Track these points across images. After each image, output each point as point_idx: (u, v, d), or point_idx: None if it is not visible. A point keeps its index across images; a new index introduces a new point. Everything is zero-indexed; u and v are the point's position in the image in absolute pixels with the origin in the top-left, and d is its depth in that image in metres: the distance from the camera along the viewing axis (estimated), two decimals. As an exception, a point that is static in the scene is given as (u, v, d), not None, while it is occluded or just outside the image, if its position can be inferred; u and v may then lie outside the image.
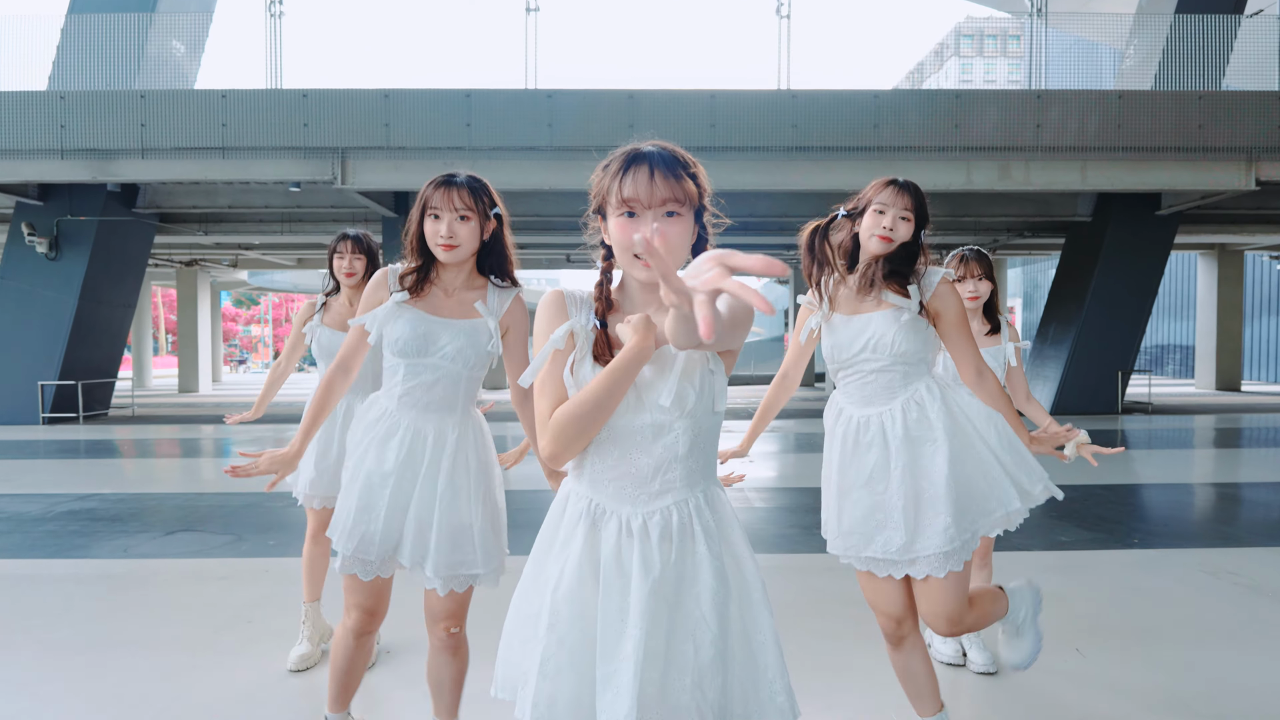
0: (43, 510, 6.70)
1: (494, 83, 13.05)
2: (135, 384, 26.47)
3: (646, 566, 1.37)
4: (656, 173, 1.43)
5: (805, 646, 3.57)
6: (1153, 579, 4.57)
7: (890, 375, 2.28)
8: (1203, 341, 23.23)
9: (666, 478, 1.42)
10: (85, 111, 12.38)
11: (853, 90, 12.74)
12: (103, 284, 14.72)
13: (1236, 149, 12.56)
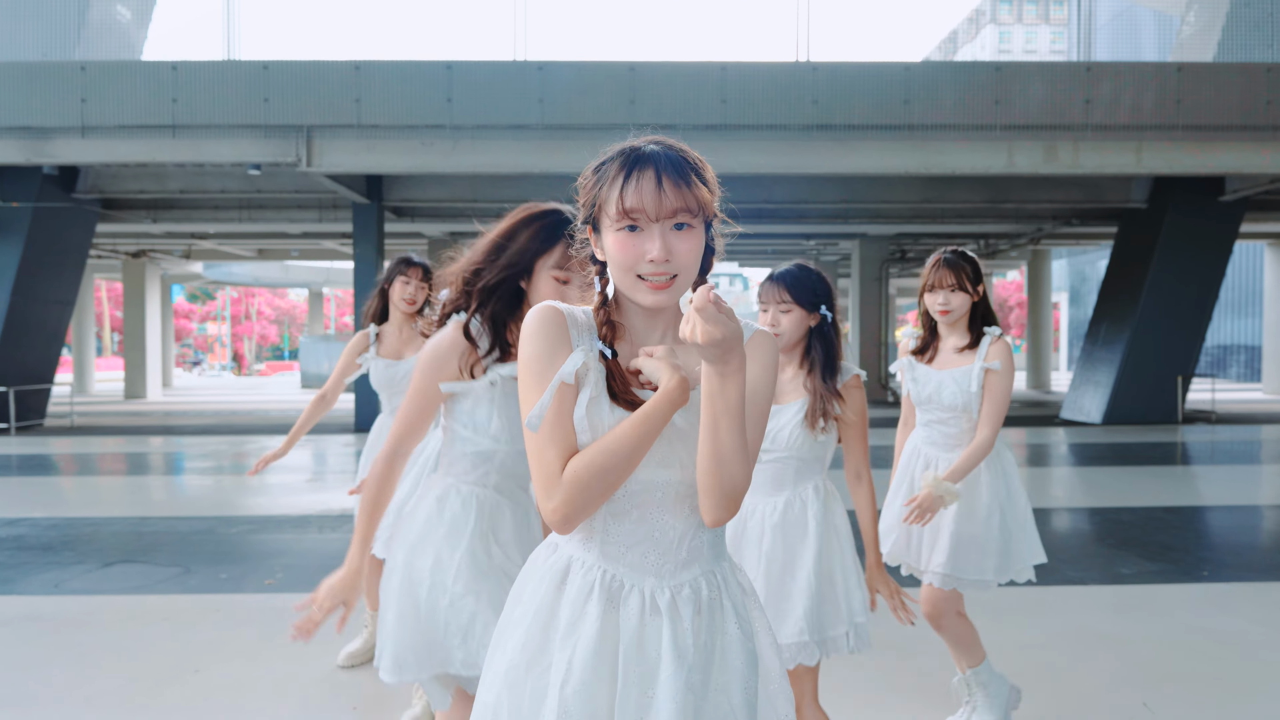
0: (-33, 537, 6.64)
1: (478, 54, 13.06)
2: (75, 389, 26.39)
3: (680, 652, 1.24)
4: (665, 179, 1.30)
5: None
6: (1226, 618, 4.49)
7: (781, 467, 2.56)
8: (1271, 341, 23.25)
9: (694, 544, 1.32)
10: (18, 85, 12.34)
11: (880, 62, 12.72)
12: (38, 278, 14.68)
13: (1312, 127, 12.54)
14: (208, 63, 12.49)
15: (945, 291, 2.94)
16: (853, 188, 16.34)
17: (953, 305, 2.94)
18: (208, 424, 16.89)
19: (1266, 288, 23.26)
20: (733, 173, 12.84)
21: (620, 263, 1.31)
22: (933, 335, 3.17)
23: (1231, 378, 30.97)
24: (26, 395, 15.03)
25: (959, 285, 2.92)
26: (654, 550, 1.30)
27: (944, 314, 3.01)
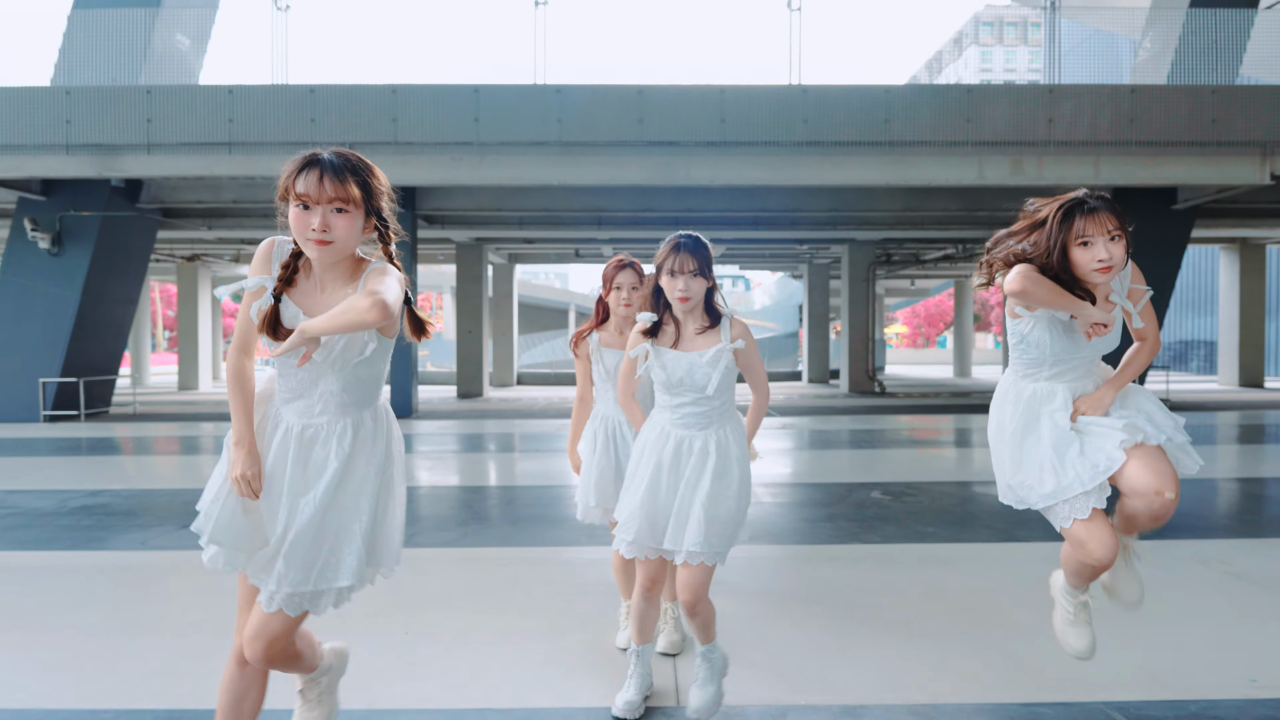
0: (55, 505, 6.97)
1: (502, 78, 13.31)
2: (134, 381, 26.83)
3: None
4: (326, 176, 1.96)
5: (804, 629, 3.85)
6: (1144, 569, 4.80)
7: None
8: (1225, 337, 23.41)
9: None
10: (91, 107, 12.63)
11: (864, 85, 12.93)
12: (105, 280, 15.02)
13: (1251, 143, 12.75)
14: (260, 86, 12.79)
15: (686, 276, 2.71)
16: (841, 198, 16.60)
17: (693, 291, 2.72)
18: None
19: (1221, 288, 23.45)
20: (732, 184, 13.16)
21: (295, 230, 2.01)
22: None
23: (1192, 370, 31.14)
24: (94, 386, 15.39)
25: (699, 271, 2.74)
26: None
27: (683, 300, 2.74)
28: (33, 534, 5.95)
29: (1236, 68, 14.06)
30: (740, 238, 19.78)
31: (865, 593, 4.46)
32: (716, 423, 2.79)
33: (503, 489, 7.92)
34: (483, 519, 6.51)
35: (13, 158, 12.87)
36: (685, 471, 2.73)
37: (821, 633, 3.86)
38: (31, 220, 14.45)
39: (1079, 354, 2.67)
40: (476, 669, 3.45)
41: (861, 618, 4.04)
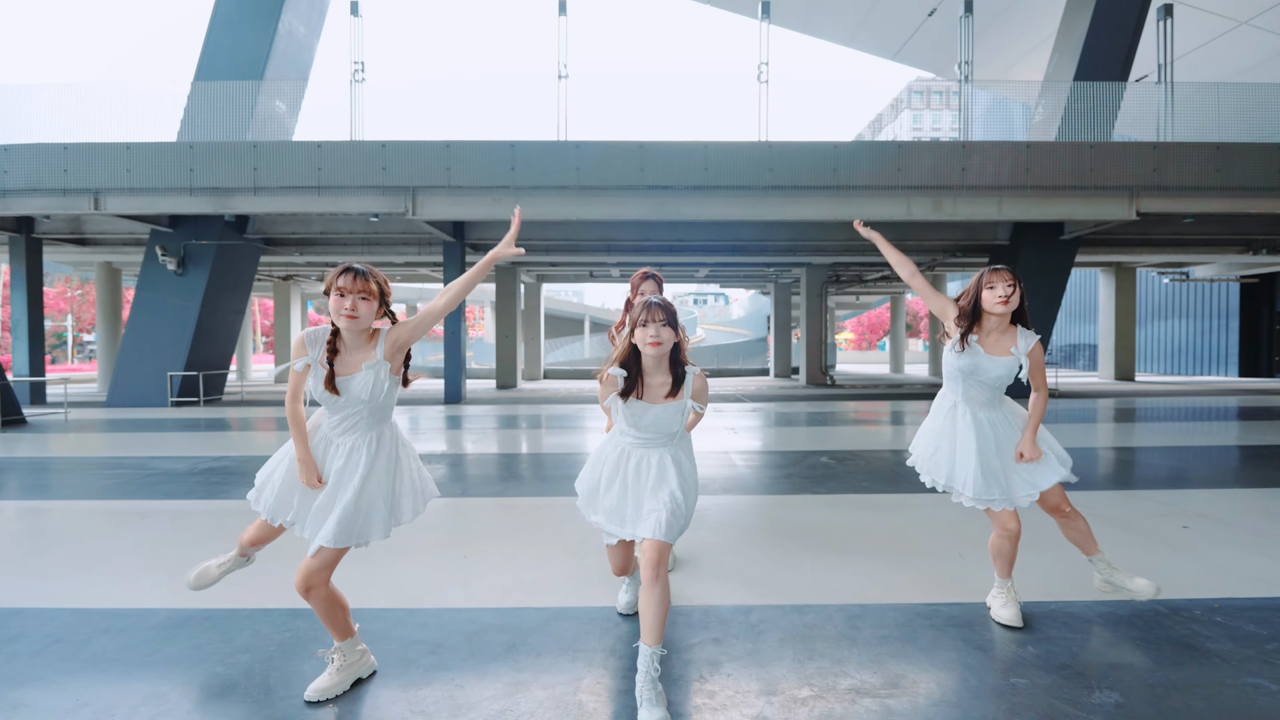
0: (188, 468, 7.16)
1: (533, 135, 13.44)
2: (240, 375, 27.01)
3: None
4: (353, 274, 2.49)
5: (766, 553, 4.05)
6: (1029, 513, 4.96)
7: None
8: (1104, 341, 23.53)
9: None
10: (210, 158, 12.79)
11: (817, 141, 13.07)
12: (219, 294, 15.18)
13: (1121, 187, 12.89)
14: (342, 142, 12.92)
15: (657, 325, 2.58)
16: (799, 230, 16.77)
17: (663, 338, 2.59)
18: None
19: (1101, 302, 23.57)
20: (713, 219, 13.29)
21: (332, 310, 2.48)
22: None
23: (1078, 368, 31.26)
24: (210, 378, 15.55)
25: (668, 321, 2.60)
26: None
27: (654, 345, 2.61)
28: (172, 487, 6.14)
29: (1111, 127, 14.21)
30: (720, 261, 19.97)
31: (813, 528, 4.65)
32: (669, 445, 2.72)
33: (533, 455, 8.10)
34: (519, 477, 6.71)
35: (147, 198, 13.03)
36: (647, 482, 2.67)
37: (780, 555, 4.06)
38: (161, 247, 14.62)
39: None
40: (518, 582, 3.65)
41: (810, 546, 4.25)
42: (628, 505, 2.69)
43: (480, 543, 4.34)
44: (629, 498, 2.69)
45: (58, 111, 13.52)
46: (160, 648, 2.86)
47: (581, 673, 2.67)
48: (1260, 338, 24.38)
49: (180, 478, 6.58)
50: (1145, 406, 13.65)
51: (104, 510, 5.29)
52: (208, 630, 3.03)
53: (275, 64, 15.30)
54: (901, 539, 4.38)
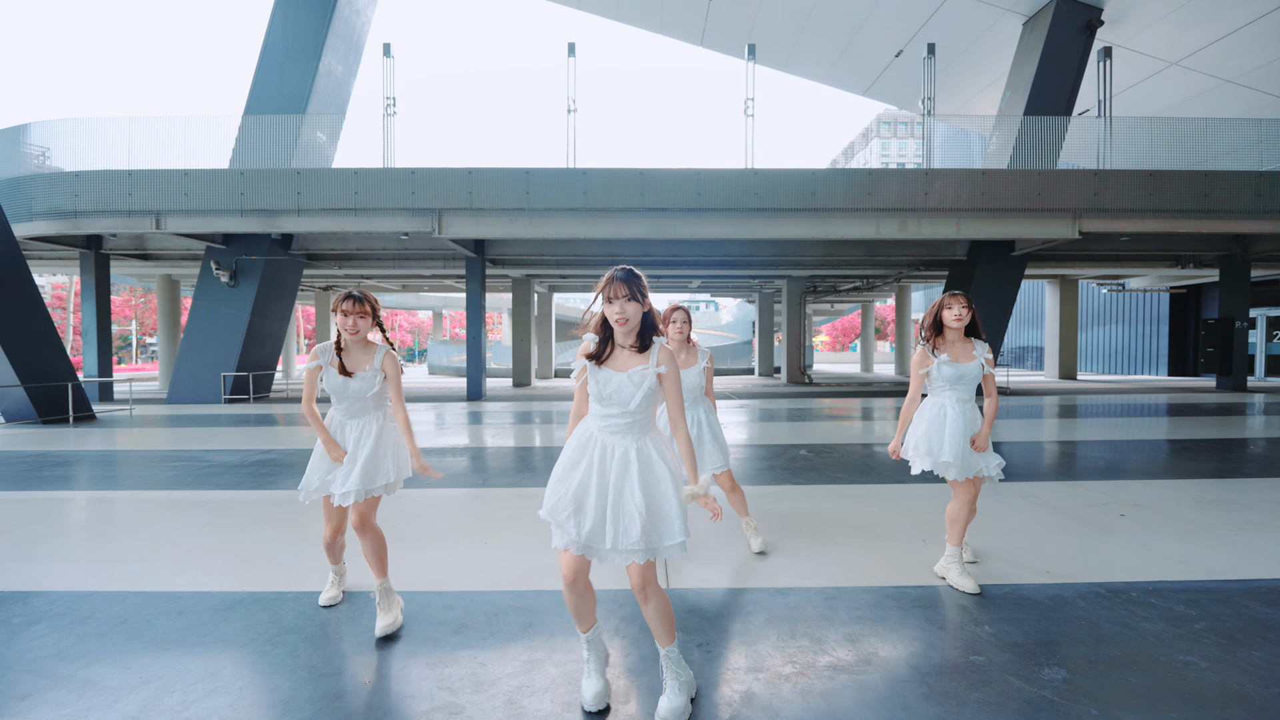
0: (239, 460, 7.13)
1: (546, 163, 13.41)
2: (285, 374, 26.97)
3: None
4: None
5: (753, 542, 4.04)
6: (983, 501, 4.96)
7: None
8: (1050, 344, 23.49)
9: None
10: (259, 183, 12.78)
11: (797, 169, 13.05)
12: (267, 303, 15.14)
13: (1065, 209, 12.88)
14: (375, 169, 12.89)
15: (621, 301, 2.21)
16: (781, 246, 16.74)
17: (629, 313, 2.21)
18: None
19: (1046, 310, 23.54)
20: (705, 238, 13.26)
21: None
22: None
23: (1027, 367, 31.23)
24: (259, 378, 15.51)
25: (631, 296, 2.21)
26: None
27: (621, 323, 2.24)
28: (224, 478, 6.11)
29: (1057, 156, 14.19)
30: (711, 274, 19.95)
31: (793, 516, 4.63)
32: (637, 432, 2.23)
33: (545, 449, 8.08)
34: (533, 469, 6.69)
35: (203, 218, 13.02)
36: (610, 475, 2.19)
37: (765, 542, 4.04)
38: (216, 262, 14.59)
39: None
40: (533, 566, 3.64)
41: (790, 533, 4.23)
42: (588, 497, 2.19)
43: (500, 529, 4.32)
44: (592, 489, 2.19)
45: (122, 139, 13.48)
46: (216, 628, 2.85)
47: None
48: (1187, 341, 24.36)
49: (231, 470, 6.56)
50: (1086, 403, 13.64)
51: (165, 500, 5.27)
52: (258, 611, 3.02)
53: (316, 99, 15.26)
54: (872, 526, 4.36)
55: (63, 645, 2.67)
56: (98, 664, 2.53)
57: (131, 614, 2.98)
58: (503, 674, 2.47)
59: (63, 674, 2.45)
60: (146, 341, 51.59)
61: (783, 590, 3.24)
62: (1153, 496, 5.10)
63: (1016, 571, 3.47)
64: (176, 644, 2.70)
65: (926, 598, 3.14)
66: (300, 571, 3.50)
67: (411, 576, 3.45)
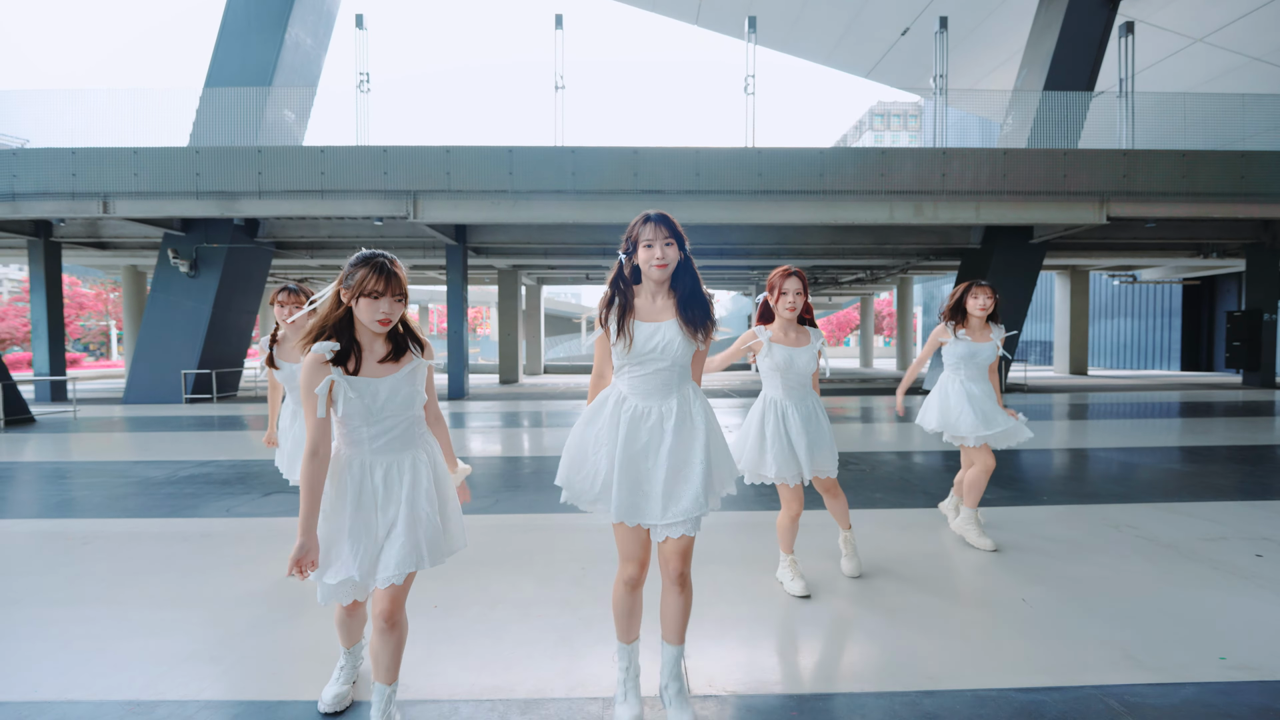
0: (167, 475, 6.10)
1: (530, 141, 12.39)
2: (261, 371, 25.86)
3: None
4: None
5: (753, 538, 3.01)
6: (1068, 531, 4.00)
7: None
8: (1059, 338, 22.69)
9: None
10: (217, 163, 11.67)
11: (803, 148, 12.08)
12: (231, 295, 14.08)
13: (1091, 192, 11.95)
14: (345, 147, 11.81)
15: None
16: (784, 233, 15.77)
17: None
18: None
19: (1056, 303, 22.71)
20: (703, 223, 12.27)
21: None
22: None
23: (1033, 362, 30.50)
24: (224, 375, 14.46)
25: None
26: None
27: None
28: (139, 502, 5.08)
29: (1078, 136, 13.26)
30: (708, 264, 18.92)
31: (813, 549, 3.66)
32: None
33: (534, 459, 7.08)
34: (520, 486, 5.67)
35: (155, 201, 11.89)
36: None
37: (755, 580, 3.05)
38: (174, 250, 13.49)
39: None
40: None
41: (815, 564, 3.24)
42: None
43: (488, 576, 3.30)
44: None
45: (67, 116, 12.32)
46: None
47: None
48: (1200, 335, 23.58)
49: (151, 489, 5.52)
50: (1118, 401, 12.76)
51: (42, 532, 4.21)
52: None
53: (283, 73, 14.12)
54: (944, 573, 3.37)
55: None
56: None
57: None
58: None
59: None
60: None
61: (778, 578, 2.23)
62: (1277, 527, 4.13)
63: (1179, 654, 2.47)
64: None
65: (1072, 707, 2.14)
66: (186, 678, 2.46)
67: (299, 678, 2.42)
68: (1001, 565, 3.44)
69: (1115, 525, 4.16)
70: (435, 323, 54.12)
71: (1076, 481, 5.55)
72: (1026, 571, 3.34)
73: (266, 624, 2.80)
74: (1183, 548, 3.71)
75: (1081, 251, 16.73)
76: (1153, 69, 16.78)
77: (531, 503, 4.94)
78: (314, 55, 14.98)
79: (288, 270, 20.72)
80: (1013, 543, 3.80)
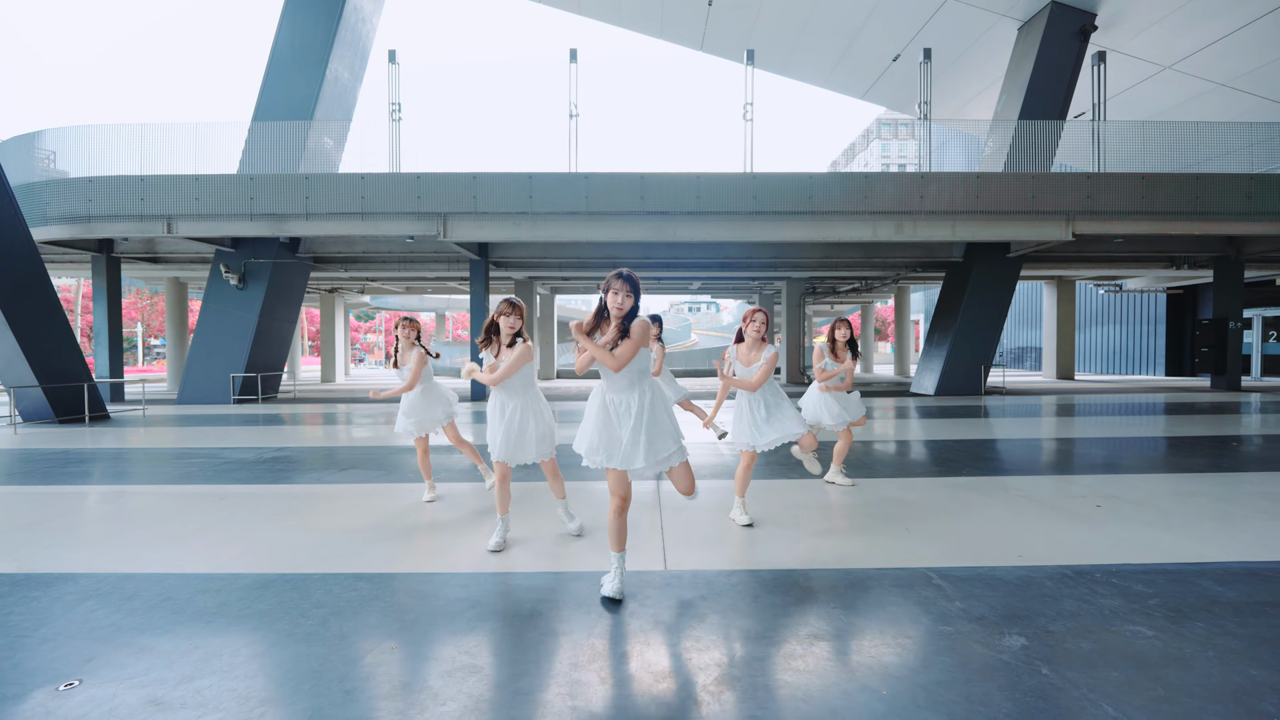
0: (254, 457, 7.39)
1: (548, 167, 13.63)
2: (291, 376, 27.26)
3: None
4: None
5: (747, 529, 4.28)
6: (967, 494, 5.21)
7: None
8: (1047, 344, 23.71)
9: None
10: (268, 188, 13.02)
11: (795, 172, 13.27)
12: (275, 306, 15.40)
13: (1059, 212, 13.10)
14: (382, 174, 13.13)
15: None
16: (779, 249, 16.99)
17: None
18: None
19: (1044, 310, 23.76)
20: (705, 240, 13.50)
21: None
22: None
23: (1026, 367, 31.39)
24: (267, 378, 15.78)
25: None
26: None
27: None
28: (243, 474, 6.38)
29: (1051, 159, 14.42)
30: (711, 276, 20.20)
31: (786, 507, 4.89)
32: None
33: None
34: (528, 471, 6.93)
35: (213, 222, 13.29)
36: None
37: (759, 528, 4.30)
38: (225, 265, 14.87)
39: None
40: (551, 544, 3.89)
41: (780, 521, 4.48)
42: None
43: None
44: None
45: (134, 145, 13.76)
46: (251, 604, 3.11)
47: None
48: (1184, 341, 24.57)
49: (248, 466, 6.83)
50: (1081, 402, 13.86)
51: (186, 493, 5.54)
52: (288, 590, 3.28)
53: (323, 106, 15.54)
54: (857, 515, 4.61)
55: (115, 618, 2.94)
56: (148, 633, 2.79)
57: (173, 592, 3.25)
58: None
59: (120, 641, 2.72)
60: (151, 343, 51.94)
61: (773, 570, 3.49)
62: (1133, 490, 5.34)
63: (991, 555, 3.72)
64: (217, 617, 2.96)
65: (905, 579, 3.39)
66: (324, 557, 3.76)
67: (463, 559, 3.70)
68: (904, 511, 4.68)
69: (1006, 489, 5.38)
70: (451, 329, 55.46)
71: (1001, 461, 6.76)
72: (922, 516, 4.57)
73: (358, 541, 4.09)
74: (1047, 502, 4.94)
75: (1059, 263, 17.87)
76: (1125, 94, 17.92)
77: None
78: (350, 88, 16.42)
79: (319, 282, 22.10)
80: (922, 500, 5.03)
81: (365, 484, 5.87)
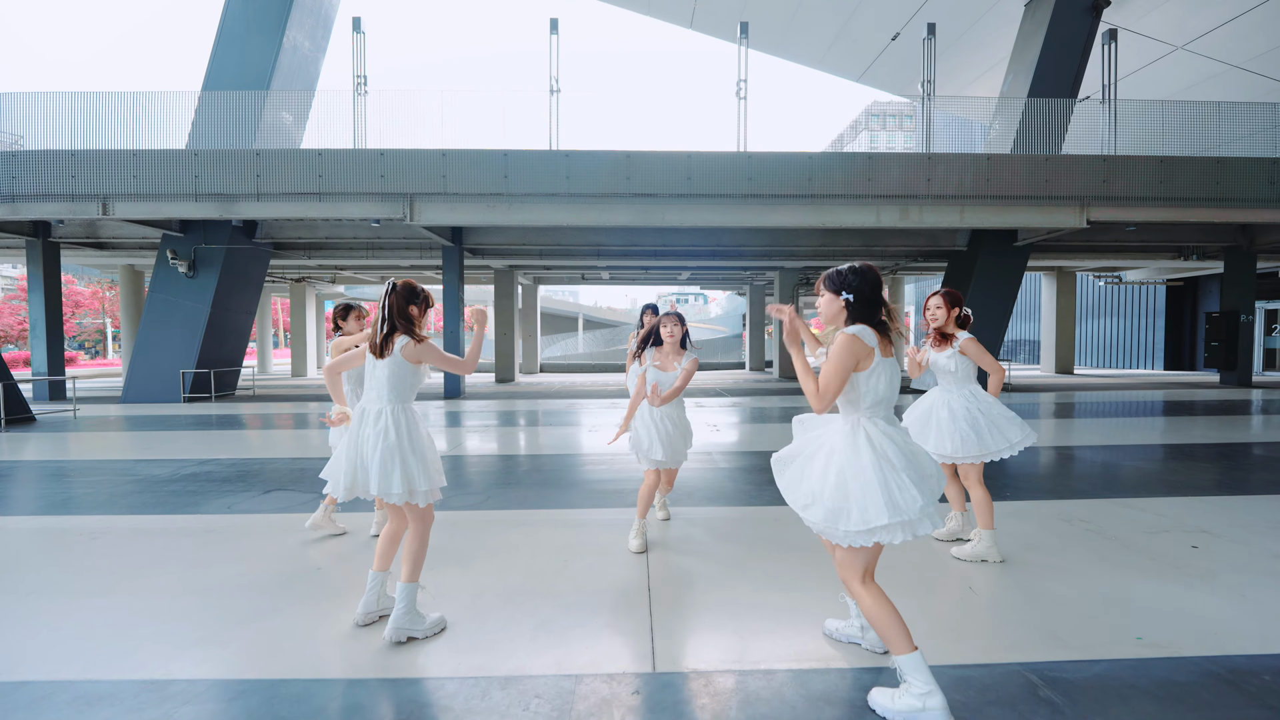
0: (170, 474, 6.29)
1: (526, 145, 12.54)
2: (259, 369, 25.96)
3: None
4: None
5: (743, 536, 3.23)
6: (1020, 526, 4.23)
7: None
8: (1046, 337, 22.97)
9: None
10: (215, 165, 11.81)
11: (793, 152, 12.27)
12: (229, 296, 14.22)
13: (1072, 197, 12.19)
14: (342, 150, 11.95)
15: (672, 325, 3.97)
16: (774, 236, 15.98)
17: (675, 334, 3.93)
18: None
19: (1043, 303, 22.99)
20: (695, 226, 12.47)
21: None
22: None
23: (1021, 361, 30.74)
24: (222, 374, 14.62)
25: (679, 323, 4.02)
26: None
27: (670, 338, 3.95)
28: (143, 499, 5.27)
29: (1061, 142, 13.50)
30: (701, 265, 19.13)
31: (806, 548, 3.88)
32: (674, 403, 3.93)
33: (529, 456, 7.29)
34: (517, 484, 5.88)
35: (154, 203, 12.02)
36: (661, 427, 3.84)
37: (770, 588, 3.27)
38: (172, 251, 13.65)
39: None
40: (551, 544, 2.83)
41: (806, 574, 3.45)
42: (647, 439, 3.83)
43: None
44: (651, 434, 3.82)
45: (67, 119, 12.45)
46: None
47: None
48: (1183, 335, 23.89)
49: (155, 486, 5.71)
50: (1096, 400, 13.01)
51: (47, 530, 4.40)
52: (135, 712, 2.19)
53: (281, 77, 14.27)
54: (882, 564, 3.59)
55: None
56: None
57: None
58: None
59: None
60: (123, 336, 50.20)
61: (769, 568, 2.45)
62: (1219, 520, 4.37)
63: (1097, 636, 2.70)
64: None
65: (995, 684, 2.36)
66: (199, 659, 2.67)
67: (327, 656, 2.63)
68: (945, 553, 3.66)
69: (1068, 519, 4.39)
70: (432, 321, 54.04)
71: (1039, 478, 5.78)
72: (977, 563, 3.56)
73: (269, 612, 3.01)
74: (1126, 540, 3.94)
75: (1066, 253, 16.99)
76: (1136, 75, 17.04)
77: (523, 499, 5.14)
78: (312, 58, 15.14)
79: (285, 270, 20.84)
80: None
81: (284, 513, 4.78)
